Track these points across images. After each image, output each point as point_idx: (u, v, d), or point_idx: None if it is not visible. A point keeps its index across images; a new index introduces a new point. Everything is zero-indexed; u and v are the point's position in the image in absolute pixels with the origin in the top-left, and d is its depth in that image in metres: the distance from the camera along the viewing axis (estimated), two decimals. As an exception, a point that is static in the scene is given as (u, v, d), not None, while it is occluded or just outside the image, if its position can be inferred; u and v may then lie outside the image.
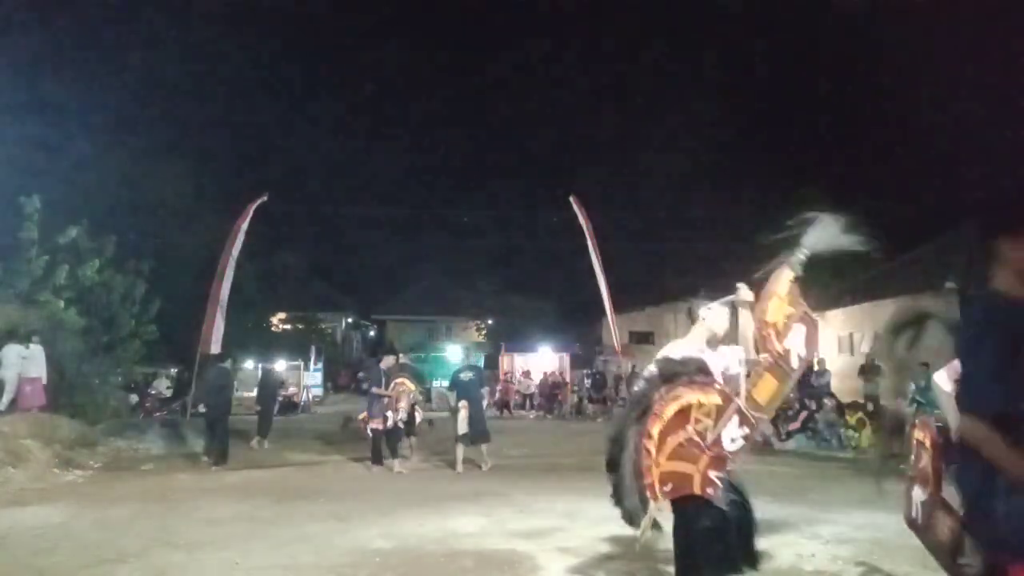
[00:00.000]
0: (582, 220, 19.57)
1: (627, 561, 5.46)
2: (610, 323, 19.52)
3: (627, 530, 6.30)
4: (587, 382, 24.65)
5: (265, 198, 18.33)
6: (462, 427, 10.37)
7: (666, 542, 4.15)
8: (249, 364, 24.36)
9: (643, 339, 31.01)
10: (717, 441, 3.77)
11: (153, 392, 21.36)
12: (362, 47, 69.17)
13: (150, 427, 13.96)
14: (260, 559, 5.62)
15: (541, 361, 28.10)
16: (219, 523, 6.92)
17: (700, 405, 3.76)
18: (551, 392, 23.94)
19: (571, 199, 19.70)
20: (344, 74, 67.44)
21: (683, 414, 3.73)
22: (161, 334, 16.63)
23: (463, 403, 10.40)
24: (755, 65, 49.77)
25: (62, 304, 13.84)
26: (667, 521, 3.96)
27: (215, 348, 17.13)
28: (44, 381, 11.86)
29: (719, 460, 3.77)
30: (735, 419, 3.80)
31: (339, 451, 12.68)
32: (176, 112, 37.69)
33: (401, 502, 7.98)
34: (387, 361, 11.29)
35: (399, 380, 10.78)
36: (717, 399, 3.78)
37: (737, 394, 3.85)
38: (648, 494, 3.67)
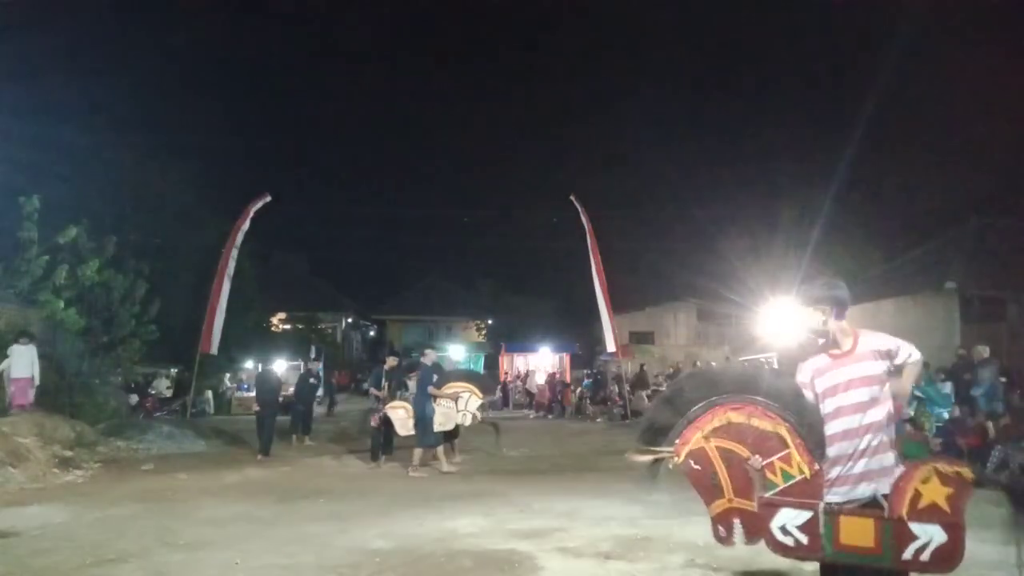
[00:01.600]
0: (583, 219, 19.61)
1: (627, 561, 5.47)
2: (605, 325, 19.53)
3: (627, 530, 6.36)
4: (586, 382, 24.64)
5: (268, 199, 18.35)
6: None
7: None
8: (249, 364, 24.43)
9: (643, 339, 31.00)
10: (770, 506, 3.25)
11: (153, 392, 21.33)
12: (363, 48, 69.25)
13: (150, 427, 13.94)
14: (260, 559, 5.62)
15: (541, 361, 28.10)
16: (219, 523, 6.91)
17: (790, 458, 3.23)
18: (552, 392, 23.93)
19: (571, 199, 19.73)
20: (344, 75, 67.55)
21: (768, 440, 3.27)
22: (161, 334, 16.61)
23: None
24: (757, 65, 49.79)
25: (62, 304, 13.82)
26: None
27: (214, 348, 17.16)
28: (36, 382, 11.76)
29: (754, 521, 3.28)
30: (806, 515, 3.20)
31: (339, 450, 12.69)
32: (176, 112, 37.77)
33: (401, 502, 7.98)
34: (389, 362, 11.51)
35: (387, 383, 11.26)
36: (808, 473, 3.23)
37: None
38: (676, 441, 3.35)
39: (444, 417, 10.30)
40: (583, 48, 65.10)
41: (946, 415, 10.91)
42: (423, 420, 10.10)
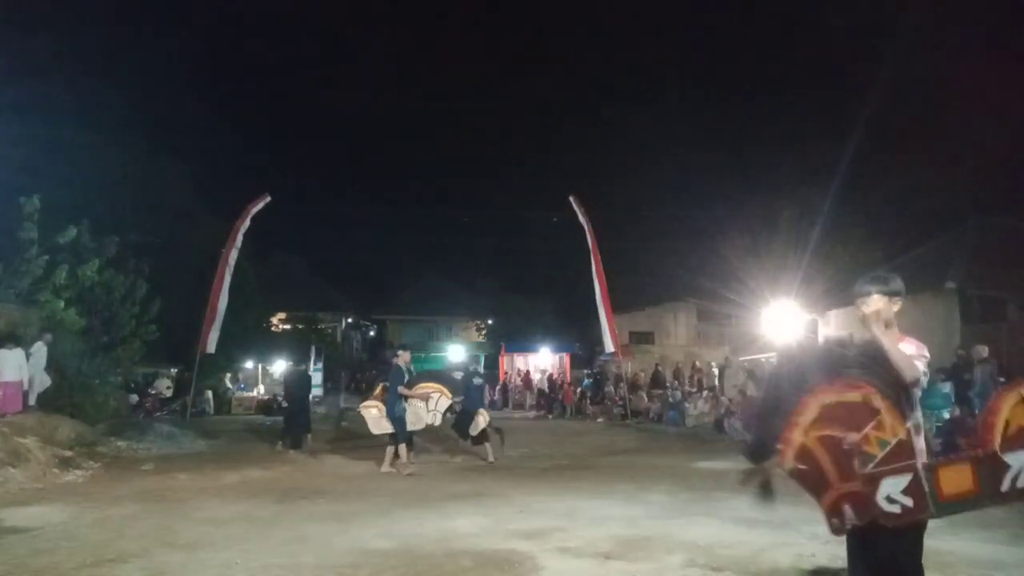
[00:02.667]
0: (582, 219, 19.62)
1: (627, 561, 5.47)
2: (604, 326, 19.54)
3: (627, 530, 6.36)
4: (586, 382, 24.66)
5: (268, 199, 18.37)
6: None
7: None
8: (249, 364, 24.44)
9: (643, 339, 31.01)
10: (873, 480, 3.08)
11: (153, 392, 21.34)
12: (363, 48, 69.26)
13: (150, 427, 13.95)
14: (260, 559, 5.61)
15: (541, 361, 28.10)
16: (219, 523, 6.91)
17: (882, 425, 3.10)
18: (551, 392, 23.93)
19: (571, 199, 19.74)
20: (344, 75, 67.55)
21: (858, 412, 3.13)
22: (161, 334, 16.62)
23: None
24: (758, 64, 49.80)
25: (62, 304, 13.82)
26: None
27: (212, 347, 17.19)
28: (31, 385, 11.69)
29: (861, 500, 3.09)
30: (907, 478, 3.07)
31: (338, 450, 12.69)
32: (176, 112, 37.72)
33: (401, 502, 7.98)
34: (394, 363, 11.66)
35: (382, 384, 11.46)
36: (902, 433, 3.11)
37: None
38: (779, 446, 3.17)
39: (415, 417, 10.58)
40: (583, 48, 65.10)
41: (946, 415, 10.92)
42: (394, 419, 10.35)
